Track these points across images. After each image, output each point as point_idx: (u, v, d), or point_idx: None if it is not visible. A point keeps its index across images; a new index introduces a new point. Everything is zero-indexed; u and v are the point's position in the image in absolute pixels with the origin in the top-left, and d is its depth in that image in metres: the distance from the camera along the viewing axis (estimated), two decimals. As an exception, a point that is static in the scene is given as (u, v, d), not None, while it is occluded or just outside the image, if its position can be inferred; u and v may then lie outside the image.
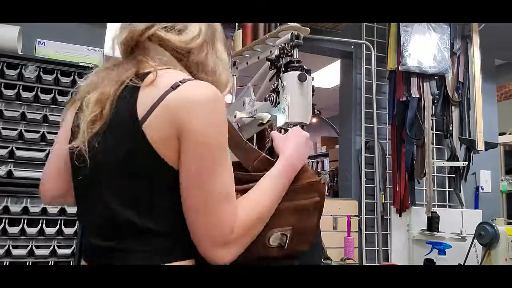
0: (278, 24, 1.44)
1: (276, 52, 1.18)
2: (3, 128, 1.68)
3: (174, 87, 0.69)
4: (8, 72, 1.71)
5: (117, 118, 0.72)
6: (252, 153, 0.85)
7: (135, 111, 0.69)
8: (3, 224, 1.62)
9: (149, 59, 0.77)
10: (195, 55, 0.81)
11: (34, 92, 1.73)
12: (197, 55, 0.82)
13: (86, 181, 0.76)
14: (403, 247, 2.54)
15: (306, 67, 1.09)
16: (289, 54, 1.13)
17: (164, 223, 0.71)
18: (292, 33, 1.14)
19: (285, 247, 0.77)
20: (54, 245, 1.67)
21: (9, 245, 1.62)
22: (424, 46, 2.48)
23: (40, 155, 1.70)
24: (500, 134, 3.34)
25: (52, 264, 1.67)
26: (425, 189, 2.52)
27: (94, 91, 0.76)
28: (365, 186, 2.55)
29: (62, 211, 1.71)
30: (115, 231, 0.71)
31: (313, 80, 1.10)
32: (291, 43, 1.13)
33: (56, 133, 1.69)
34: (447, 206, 2.73)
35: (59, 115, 1.74)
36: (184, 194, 0.69)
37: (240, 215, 0.71)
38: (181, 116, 0.68)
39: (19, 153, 1.68)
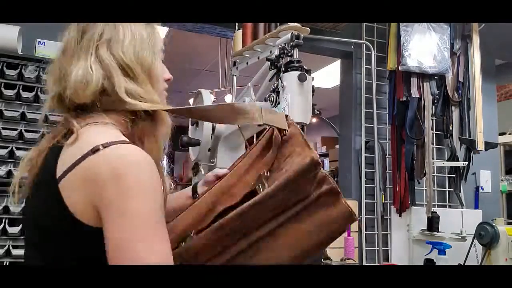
0: (278, 24, 1.44)
1: (276, 52, 1.18)
2: (3, 128, 1.68)
3: (93, 151, 0.65)
4: (8, 72, 1.71)
5: (42, 173, 0.72)
6: None
7: (55, 169, 0.68)
8: (3, 224, 1.62)
9: (72, 117, 0.74)
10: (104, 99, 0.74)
11: (34, 92, 1.73)
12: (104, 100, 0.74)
13: (23, 233, 0.81)
14: (403, 247, 2.54)
15: (306, 67, 1.09)
16: (289, 54, 1.13)
17: None
18: (292, 33, 1.14)
19: None
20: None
21: (9, 245, 1.62)
22: (424, 46, 2.48)
23: (40, 155, 1.70)
24: (500, 134, 3.35)
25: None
26: (425, 189, 2.52)
27: (32, 149, 0.79)
28: (365, 186, 2.55)
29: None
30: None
31: (313, 80, 1.10)
32: (291, 43, 1.13)
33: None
34: (447, 206, 2.73)
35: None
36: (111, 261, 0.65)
37: None
38: (97, 186, 0.64)
39: (19, 153, 1.68)
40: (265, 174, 0.79)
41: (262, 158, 0.83)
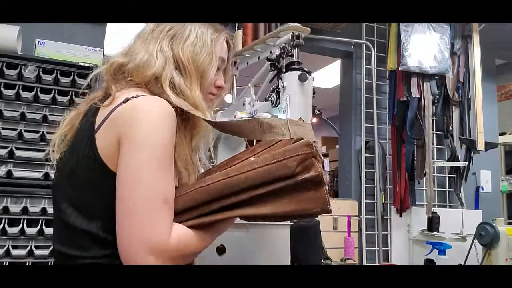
0: (278, 24, 1.44)
1: (277, 52, 1.18)
2: (3, 128, 1.68)
3: (125, 101, 0.74)
4: (8, 72, 1.71)
5: (81, 129, 0.80)
6: None
7: (94, 123, 0.76)
8: (2, 224, 1.62)
9: (114, 83, 0.82)
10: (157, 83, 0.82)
11: (33, 92, 1.73)
12: (159, 82, 0.82)
13: (54, 186, 0.83)
14: (403, 247, 2.54)
15: (306, 69, 1.09)
16: (289, 54, 1.12)
17: (107, 228, 0.73)
18: (292, 33, 1.14)
19: None
20: (54, 245, 1.67)
21: (8, 245, 1.62)
22: (424, 46, 2.48)
23: (40, 155, 1.70)
24: (501, 134, 3.34)
25: (52, 264, 1.67)
26: (426, 189, 2.52)
27: (71, 111, 0.86)
28: (365, 186, 2.55)
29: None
30: (62, 233, 0.78)
31: (313, 80, 1.10)
32: (291, 43, 1.13)
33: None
34: (448, 206, 2.73)
35: (59, 115, 1.74)
36: (117, 196, 0.71)
37: (181, 233, 0.73)
38: (122, 123, 0.72)
39: (18, 153, 1.68)
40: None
41: None
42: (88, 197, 0.75)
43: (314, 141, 0.82)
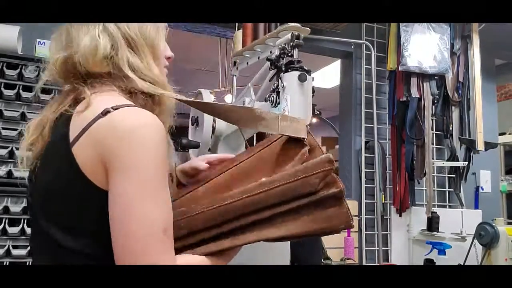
0: (278, 24, 1.44)
1: (277, 52, 1.18)
2: (3, 128, 1.68)
3: (104, 113, 0.68)
4: (8, 72, 1.71)
5: (53, 140, 0.74)
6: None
7: (67, 133, 0.70)
8: (3, 224, 1.62)
9: (86, 85, 0.75)
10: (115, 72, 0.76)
11: (34, 92, 1.73)
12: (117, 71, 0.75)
13: (29, 204, 0.79)
14: (403, 247, 2.54)
15: (306, 68, 1.09)
16: (289, 54, 1.12)
17: (96, 245, 0.69)
18: (292, 33, 1.14)
19: None
20: (54, 245, 1.67)
21: (9, 245, 1.62)
22: (424, 46, 2.48)
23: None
24: (500, 134, 3.35)
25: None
26: (425, 189, 2.52)
27: (36, 117, 0.79)
28: (365, 186, 2.55)
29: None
30: (50, 253, 0.72)
31: (313, 80, 1.10)
32: (291, 43, 1.13)
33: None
34: (447, 206, 2.73)
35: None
36: (111, 225, 0.66)
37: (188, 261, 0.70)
38: (107, 146, 0.66)
39: (19, 153, 1.68)
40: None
41: (279, 166, 0.82)
42: (72, 215, 0.69)
43: (304, 138, 0.82)
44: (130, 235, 0.64)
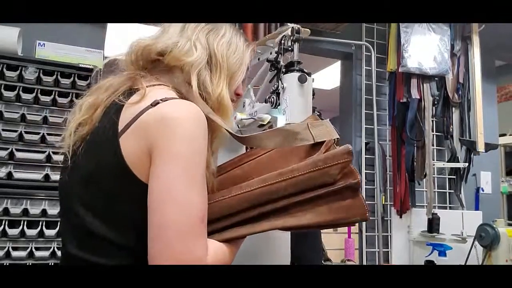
0: (278, 25, 1.44)
1: (276, 49, 1.17)
2: (3, 130, 1.68)
3: (154, 104, 0.70)
4: (8, 73, 1.71)
5: (102, 127, 0.73)
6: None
7: (117, 123, 0.71)
8: (3, 226, 1.62)
9: (144, 77, 0.77)
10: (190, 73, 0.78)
11: (34, 94, 1.73)
12: (192, 74, 0.78)
13: (64, 184, 0.77)
14: (404, 249, 2.54)
15: (306, 71, 1.08)
16: (289, 48, 1.12)
17: (131, 237, 0.70)
18: (292, 27, 1.13)
19: None
20: (54, 247, 1.67)
21: (9, 247, 1.62)
22: (424, 47, 2.49)
23: (40, 156, 1.70)
24: (501, 135, 3.35)
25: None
26: (426, 191, 2.51)
27: (90, 96, 0.79)
28: (365, 188, 2.55)
29: (62, 213, 1.70)
30: (81, 239, 0.72)
31: (313, 81, 1.10)
32: (291, 37, 1.13)
33: (56, 135, 1.69)
34: (448, 208, 2.73)
35: (59, 117, 1.74)
36: (149, 211, 0.67)
37: (217, 248, 0.71)
38: (153, 133, 0.67)
39: (19, 154, 1.68)
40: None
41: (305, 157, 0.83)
42: (113, 206, 0.70)
43: (338, 138, 0.83)
44: (169, 217, 0.65)
